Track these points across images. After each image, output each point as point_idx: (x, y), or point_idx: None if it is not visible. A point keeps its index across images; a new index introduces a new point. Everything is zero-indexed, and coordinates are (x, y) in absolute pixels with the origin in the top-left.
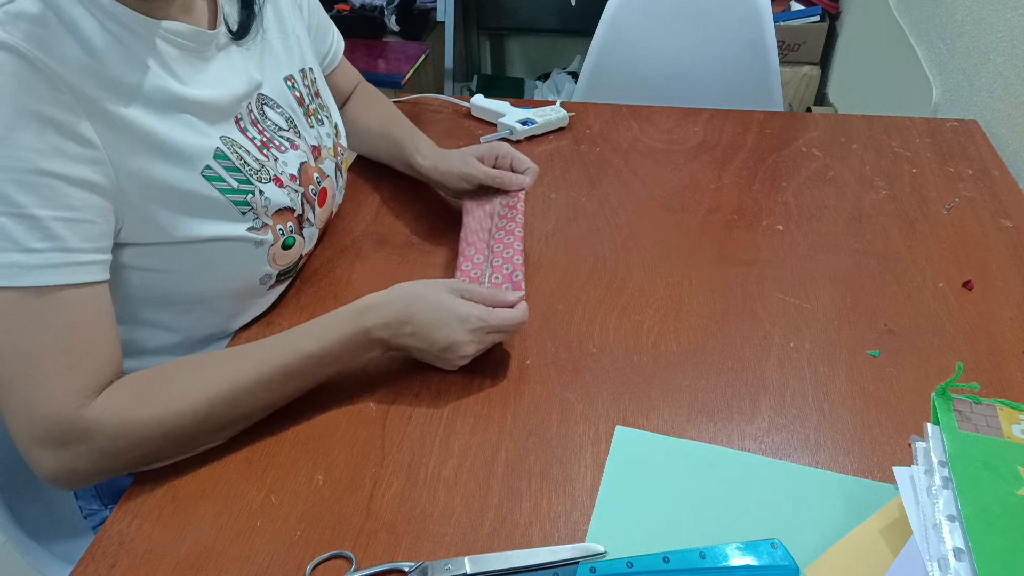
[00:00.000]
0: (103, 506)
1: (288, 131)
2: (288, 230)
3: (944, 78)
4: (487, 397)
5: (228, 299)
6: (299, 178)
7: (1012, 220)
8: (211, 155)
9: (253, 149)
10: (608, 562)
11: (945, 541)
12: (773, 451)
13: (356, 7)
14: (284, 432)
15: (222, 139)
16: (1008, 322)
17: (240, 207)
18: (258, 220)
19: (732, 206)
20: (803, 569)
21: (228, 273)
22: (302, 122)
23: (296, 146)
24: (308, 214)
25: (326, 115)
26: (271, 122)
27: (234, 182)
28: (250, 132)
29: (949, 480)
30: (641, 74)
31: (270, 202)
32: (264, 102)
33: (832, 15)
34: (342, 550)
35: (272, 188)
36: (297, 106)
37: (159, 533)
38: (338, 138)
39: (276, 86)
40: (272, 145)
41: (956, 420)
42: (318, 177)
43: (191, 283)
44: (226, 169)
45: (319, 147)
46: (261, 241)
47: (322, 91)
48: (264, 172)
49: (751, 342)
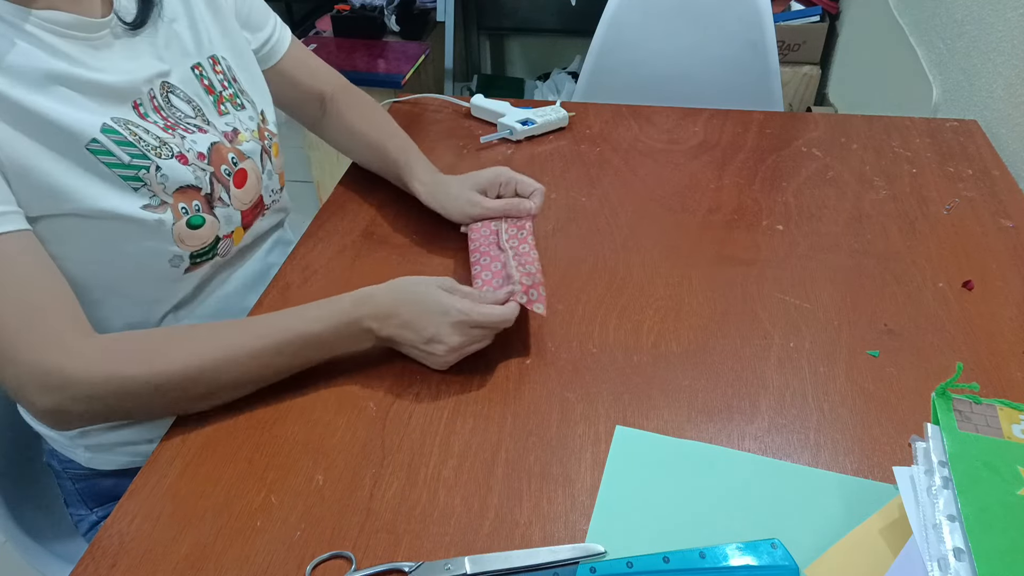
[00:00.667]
0: (89, 510)
1: (195, 118)
2: (193, 208)
3: (944, 78)
4: (487, 397)
5: (140, 285)
6: (208, 157)
7: (1012, 220)
8: (97, 129)
9: (155, 129)
10: (608, 562)
11: (945, 541)
12: (773, 451)
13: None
14: (284, 432)
15: (113, 119)
16: (1008, 322)
17: (131, 182)
18: (155, 197)
19: (732, 206)
20: (803, 569)
21: (132, 254)
22: (211, 109)
23: (204, 131)
24: (220, 193)
25: (246, 100)
26: (176, 109)
27: (126, 156)
28: (151, 117)
29: (949, 480)
30: (641, 74)
31: (168, 179)
32: (170, 90)
33: (832, 15)
34: (342, 550)
35: (173, 164)
36: (205, 94)
37: (159, 533)
38: (265, 124)
39: (183, 74)
40: (179, 128)
41: (956, 420)
42: (234, 157)
43: (96, 266)
44: (117, 143)
45: (237, 131)
46: (160, 220)
47: (243, 78)
48: (165, 149)
49: (751, 342)
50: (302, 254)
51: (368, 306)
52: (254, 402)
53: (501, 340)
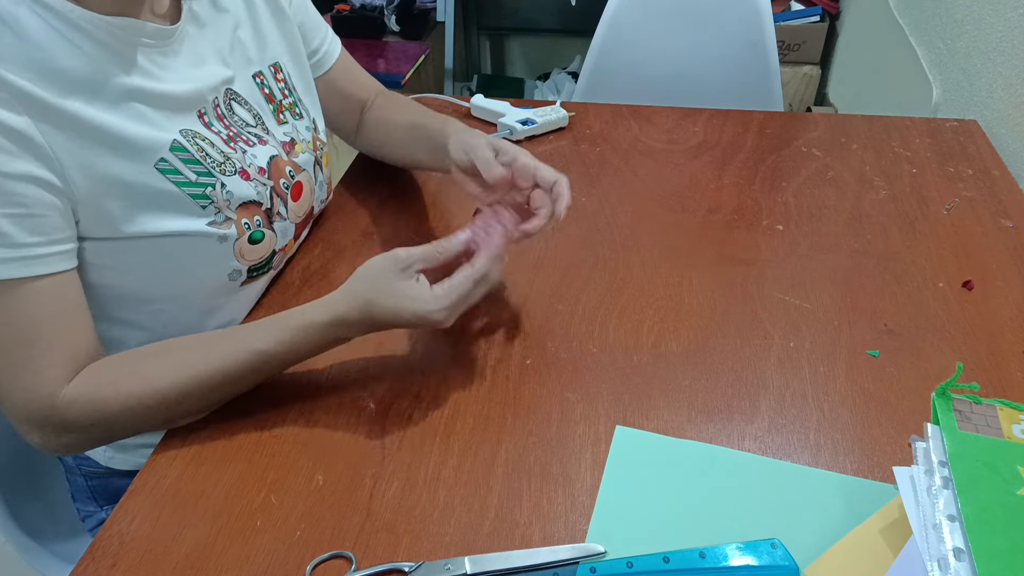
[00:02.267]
0: (99, 507)
1: (256, 127)
2: (255, 224)
3: (944, 78)
4: (487, 397)
5: (198, 297)
6: (268, 171)
7: (1012, 220)
8: (167, 147)
9: (219, 142)
10: (608, 562)
11: (945, 541)
12: (773, 451)
13: (356, 7)
14: (284, 432)
15: (182, 132)
16: (1008, 322)
17: (199, 200)
18: (220, 214)
19: (732, 206)
20: (803, 569)
21: (192, 269)
22: (270, 119)
23: (264, 142)
24: (279, 208)
25: (304, 109)
26: (238, 118)
27: (192, 175)
28: (215, 127)
29: (949, 480)
30: (641, 74)
31: (232, 195)
32: (232, 98)
33: (832, 15)
34: (342, 550)
35: (236, 181)
36: (266, 103)
37: (159, 533)
38: (317, 133)
39: (245, 82)
40: (240, 139)
41: (956, 420)
42: (291, 171)
43: (156, 280)
44: (184, 162)
45: (294, 141)
46: (224, 236)
47: (300, 86)
48: (228, 165)
49: (751, 342)
50: (302, 254)
51: (346, 328)
52: (254, 402)
53: (501, 340)
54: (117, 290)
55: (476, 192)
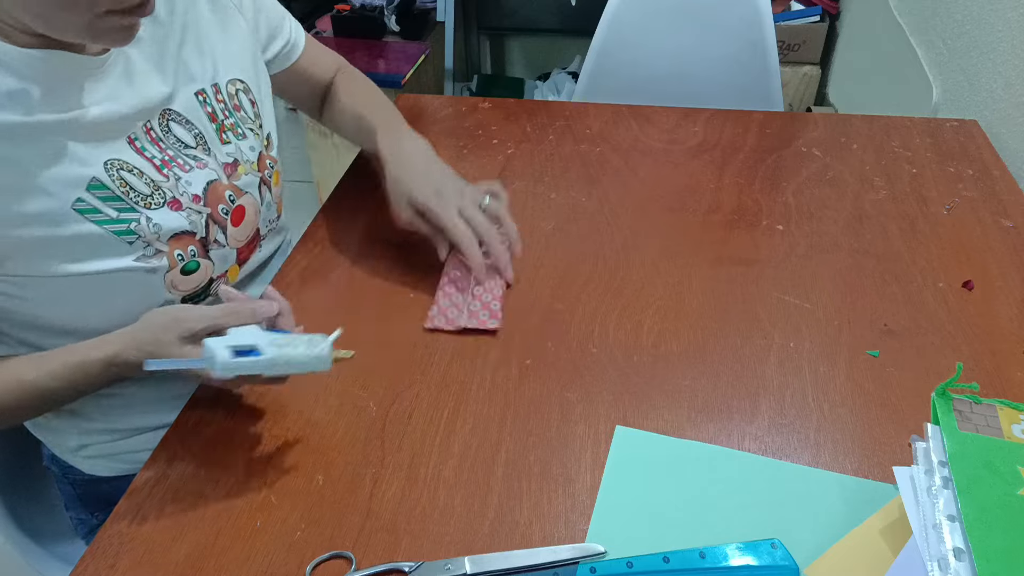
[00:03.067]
0: (90, 514)
1: (196, 148)
2: (189, 255)
3: (944, 78)
4: (487, 397)
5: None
6: (204, 198)
7: (1012, 220)
8: (83, 187)
9: (149, 169)
10: (608, 562)
11: (945, 541)
12: (773, 451)
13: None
14: (284, 432)
15: (107, 163)
16: (1008, 322)
17: (125, 236)
18: (150, 247)
19: (732, 206)
20: (803, 569)
21: (122, 304)
22: (213, 139)
23: (203, 164)
24: (216, 235)
25: (250, 128)
26: (175, 139)
27: (113, 212)
28: (148, 151)
29: (949, 480)
30: (641, 74)
31: (161, 228)
32: (171, 118)
33: (832, 15)
34: (342, 550)
35: (164, 213)
36: (208, 122)
37: (159, 533)
38: (268, 150)
39: (187, 101)
40: (175, 164)
41: (956, 420)
42: (231, 195)
43: (86, 315)
44: (102, 200)
45: (237, 162)
46: (154, 268)
47: (253, 101)
48: (157, 195)
49: (751, 342)
50: (301, 255)
51: (124, 368)
52: (254, 402)
53: (501, 340)
54: (47, 322)
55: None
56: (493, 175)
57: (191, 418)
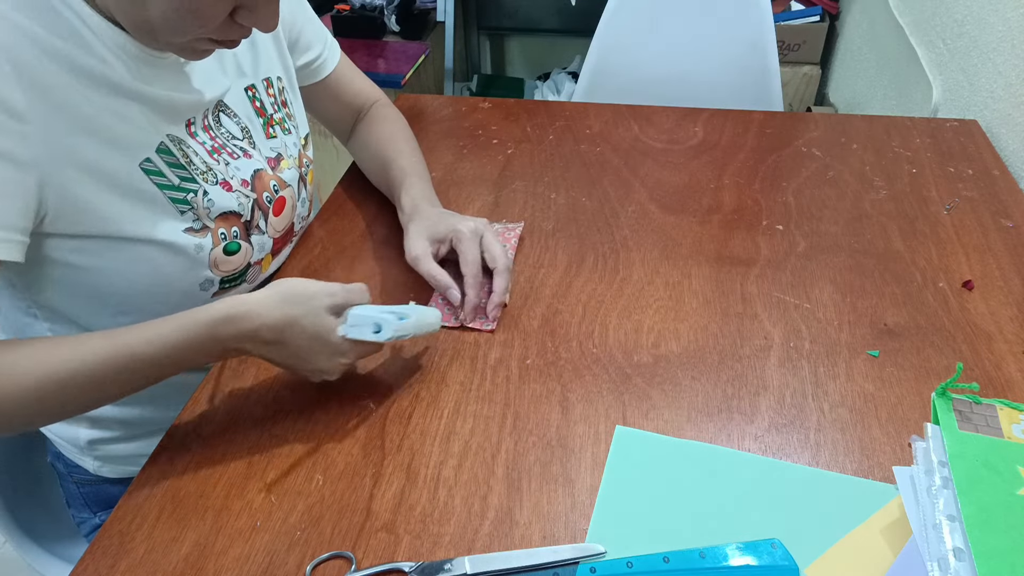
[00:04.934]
0: (92, 514)
1: (242, 140)
2: (232, 235)
3: (944, 78)
4: (487, 397)
5: (167, 304)
6: (252, 184)
7: (1012, 220)
8: (153, 148)
9: (202, 152)
10: (608, 562)
11: (945, 541)
12: (773, 451)
13: (356, 7)
14: (284, 432)
15: (169, 136)
16: (1008, 322)
17: (179, 205)
18: (198, 221)
19: (732, 206)
20: (803, 569)
21: (165, 274)
22: (259, 132)
23: (249, 155)
24: (259, 221)
25: (294, 125)
26: (225, 130)
27: (176, 179)
28: (200, 136)
29: (949, 480)
30: (641, 74)
31: (214, 204)
32: (221, 110)
33: (832, 15)
34: (342, 550)
35: (218, 191)
36: (256, 116)
37: (159, 533)
38: (305, 149)
39: (237, 95)
40: (224, 151)
41: (956, 420)
42: (275, 185)
43: (127, 283)
44: (169, 165)
45: (281, 156)
46: (200, 244)
47: (292, 101)
48: (211, 175)
49: (751, 342)
50: (302, 254)
51: (236, 328)
52: (254, 402)
53: (501, 340)
54: (88, 290)
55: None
56: (493, 175)
57: (191, 419)
